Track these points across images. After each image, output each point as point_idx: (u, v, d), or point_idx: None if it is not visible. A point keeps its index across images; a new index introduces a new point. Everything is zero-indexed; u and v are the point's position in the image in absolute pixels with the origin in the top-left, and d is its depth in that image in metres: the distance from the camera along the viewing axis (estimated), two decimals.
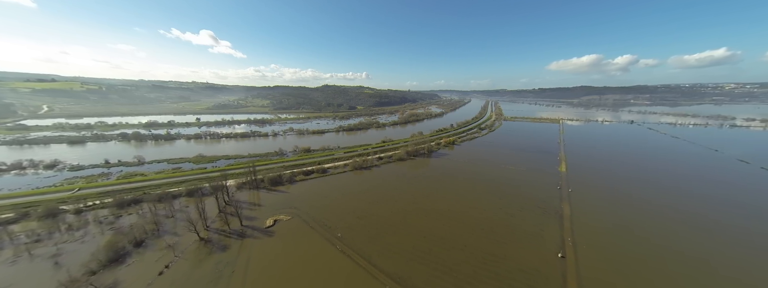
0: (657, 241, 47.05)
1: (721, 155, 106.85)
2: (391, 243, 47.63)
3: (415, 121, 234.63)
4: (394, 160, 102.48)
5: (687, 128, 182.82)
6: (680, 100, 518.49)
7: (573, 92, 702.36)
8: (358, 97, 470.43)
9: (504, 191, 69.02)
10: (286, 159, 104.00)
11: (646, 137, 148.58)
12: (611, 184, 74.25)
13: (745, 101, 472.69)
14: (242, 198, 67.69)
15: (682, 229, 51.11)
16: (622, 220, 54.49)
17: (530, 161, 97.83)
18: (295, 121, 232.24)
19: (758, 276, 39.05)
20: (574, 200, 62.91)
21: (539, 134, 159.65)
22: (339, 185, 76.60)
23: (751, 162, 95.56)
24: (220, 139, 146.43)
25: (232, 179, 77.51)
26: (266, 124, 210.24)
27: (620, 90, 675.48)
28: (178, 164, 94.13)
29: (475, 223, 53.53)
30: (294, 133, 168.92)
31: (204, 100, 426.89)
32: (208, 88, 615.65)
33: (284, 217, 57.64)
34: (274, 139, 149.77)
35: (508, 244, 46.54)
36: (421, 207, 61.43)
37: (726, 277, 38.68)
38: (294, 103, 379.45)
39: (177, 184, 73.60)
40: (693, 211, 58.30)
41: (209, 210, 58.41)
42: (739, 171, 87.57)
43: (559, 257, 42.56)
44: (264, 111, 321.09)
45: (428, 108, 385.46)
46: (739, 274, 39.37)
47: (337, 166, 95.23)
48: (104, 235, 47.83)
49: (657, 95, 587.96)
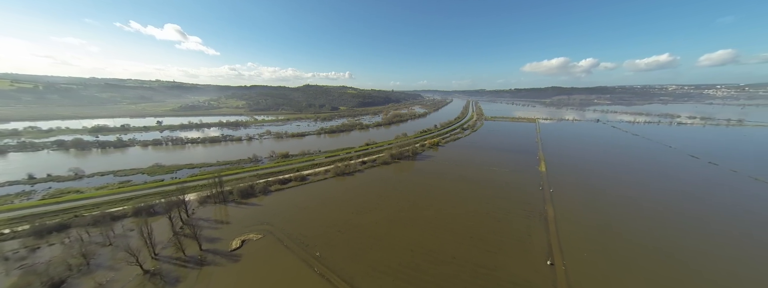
0: (636, 240, 47.97)
1: (675, 151, 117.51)
2: (376, 260, 43.19)
3: (399, 122, 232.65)
4: (378, 163, 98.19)
5: (643, 126, 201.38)
6: (634, 99, 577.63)
7: (545, 92, 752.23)
8: (340, 97, 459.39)
9: (489, 194, 67.91)
10: (261, 166, 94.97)
11: (612, 135, 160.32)
12: (588, 182, 76.78)
13: (685, 101, 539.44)
14: (205, 215, 59.01)
15: (655, 224, 53.03)
16: (602, 218, 55.46)
17: (512, 162, 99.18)
18: (273, 123, 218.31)
19: (725, 265, 40.71)
20: (556, 201, 63.38)
21: (518, 134, 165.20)
22: (319, 194, 70.51)
23: (699, 157, 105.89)
24: (184, 145, 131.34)
25: (194, 193, 67.83)
26: (240, 127, 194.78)
27: (585, 90, 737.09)
28: (128, 177, 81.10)
29: (463, 231, 50.99)
30: (271, 136, 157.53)
31: (169, 101, 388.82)
32: (175, 88, 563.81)
33: (254, 235, 50.59)
34: (248, 144, 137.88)
35: (497, 253, 44.41)
36: (408, 215, 57.79)
37: (688, 266, 39.89)
38: (272, 104, 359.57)
39: (122, 202, 62.38)
40: (660, 207, 61.35)
41: (161, 233, 49.47)
42: (691, 165, 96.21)
43: (548, 265, 41.14)
44: (239, 112, 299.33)
45: (412, 108, 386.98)
46: (704, 262, 40.77)
47: (317, 172, 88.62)
48: (8, 277, 37.48)
49: (616, 95, 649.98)
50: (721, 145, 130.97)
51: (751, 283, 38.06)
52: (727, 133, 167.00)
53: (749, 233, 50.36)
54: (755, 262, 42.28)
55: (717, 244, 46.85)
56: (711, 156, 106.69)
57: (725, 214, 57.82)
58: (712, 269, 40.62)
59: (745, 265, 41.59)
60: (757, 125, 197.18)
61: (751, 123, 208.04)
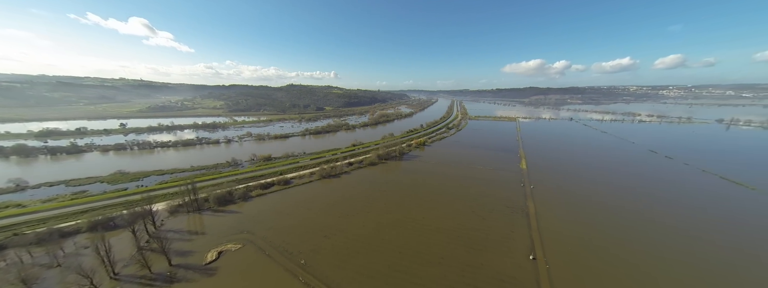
0: (607, 230, 51.19)
1: (637, 147, 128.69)
2: (364, 265, 41.99)
3: (385, 122, 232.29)
4: (365, 165, 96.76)
5: (610, 124, 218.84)
6: (602, 99, 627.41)
7: (524, 92, 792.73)
8: (326, 97, 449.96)
9: (475, 193, 69.33)
10: (241, 171, 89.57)
11: (584, 133, 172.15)
12: (564, 178, 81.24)
13: (644, 100, 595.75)
14: (177, 225, 54.12)
15: (623, 215, 57.09)
16: (577, 212, 58.69)
17: (495, 160, 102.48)
18: (254, 125, 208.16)
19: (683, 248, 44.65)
20: (536, 197, 66.16)
21: (500, 132, 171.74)
22: (304, 198, 67.72)
23: (658, 152, 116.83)
24: (153, 149, 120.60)
25: (163, 202, 62.04)
26: (218, 129, 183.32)
27: (559, 91, 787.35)
28: (84, 186, 72.45)
29: (450, 231, 51.34)
30: (252, 138, 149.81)
31: (136, 101, 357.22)
32: (143, 87, 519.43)
33: (232, 246, 47.13)
34: (227, 147, 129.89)
35: (483, 251, 45.14)
36: (395, 217, 57.16)
37: (645, 244, 43.44)
38: (254, 104, 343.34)
39: (75, 215, 55.32)
40: (627, 199, 66.37)
41: (123, 249, 44.40)
42: (652, 160, 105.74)
43: (530, 259, 42.49)
44: (216, 113, 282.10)
45: (398, 108, 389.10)
46: (672, 252, 44.47)
47: (302, 175, 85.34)
48: None
49: (586, 95, 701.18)
50: (674, 140, 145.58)
51: (716, 263, 41.92)
52: (679, 129, 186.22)
53: (706, 218, 55.74)
54: (712, 238, 46.77)
55: (678, 229, 51.26)
56: (667, 150, 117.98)
57: (684, 203, 63.69)
58: (675, 250, 44.30)
59: (703, 243, 45.80)
60: (702, 122, 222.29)
61: (697, 120, 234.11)
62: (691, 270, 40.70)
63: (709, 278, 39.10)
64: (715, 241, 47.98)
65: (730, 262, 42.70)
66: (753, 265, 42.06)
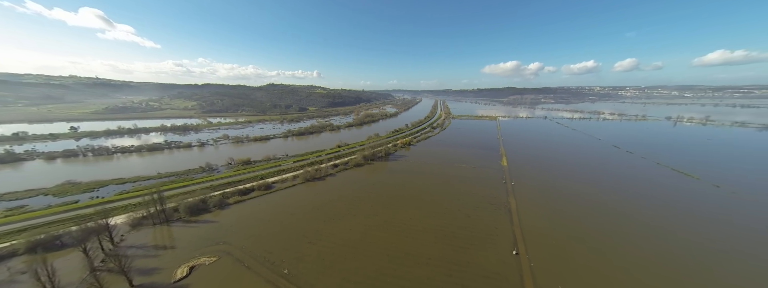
0: (582, 223, 54.78)
1: (603, 143, 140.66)
2: (351, 270, 40.70)
3: (370, 122, 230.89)
4: (350, 166, 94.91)
5: (579, 121, 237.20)
6: (571, 98, 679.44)
7: (502, 92, 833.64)
8: (309, 97, 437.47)
9: (459, 191, 70.81)
10: (217, 176, 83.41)
11: (557, 131, 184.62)
12: (541, 174, 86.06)
13: (606, 100, 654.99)
14: (140, 240, 48.68)
15: (594, 207, 61.59)
16: (554, 206, 62.26)
17: (478, 158, 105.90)
18: (232, 126, 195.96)
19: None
20: (517, 193, 69.18)
21: (482, 131, 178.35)
22: (287, 203, 64.53)
23: (620, 147, 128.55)
24: (111, 155, 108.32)
25: (123, 214, 55.57)
26: (190, 132, 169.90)
27: (534, 91, 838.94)
28: (22, 201, 62.72)
29: (437, 230, 51.73)
30: (229, 141, 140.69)
31: (90, 102, 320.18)
32: (99, 85, 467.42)
33: (207, 259, 43.30)
34: (200, 151, 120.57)
35: (469, 248, 45.97)
36: (383, 219, 56.42)
37: (618, 226, 47.43)
38: (231, 105, 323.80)
39: (10, 235, 47.47)
40: (596, 191, 71.90)
41: (72, 271, 38.81)
42: (615, 154, 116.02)
43: (513, 254, 44.03)
44: (188, 115, 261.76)
45: (383, 108, 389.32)
46: (633, 239, 48.68)
47: (284, 179, 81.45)
48: None
49: (557, 95, 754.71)
50: (633, 136, 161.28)
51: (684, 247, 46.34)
52: (636, 126, 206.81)
53: (666, 208, 61.79)
54: (674, 228, 51.86)
55: (638, 217, 56.22)
56: (627, 146, 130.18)
57: (644, 194, 70.21)
58: (638, 232, 48.48)
59: (665, 232, 50.61)
60: (655, 119, 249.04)
61: (650, 118, 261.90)
62: (655, 256, 44.70)
63: (674, 265, 43.16)
64: (676, 231, 53.27)
65: (692, 248, 47.57)
66: (716, 254, 47.10)
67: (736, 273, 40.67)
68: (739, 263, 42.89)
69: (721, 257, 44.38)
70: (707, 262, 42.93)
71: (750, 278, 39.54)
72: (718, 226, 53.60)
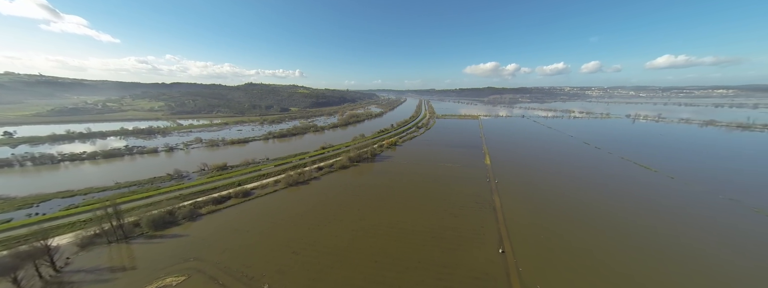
0: (562, 218, 57.44)
1: (575, 139, 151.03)
2: (338, 280, 38.70)
3: (356, 123, 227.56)
4: (336, 168, 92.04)
5: (553, 120, 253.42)
6: (545, 98, 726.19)
7: (483, 92, 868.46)
8: (291, 97, 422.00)
9: (446, 190, 71.37)
10: (188, 184, 76.39)
11: (534, 129, 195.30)
12: (522, 171, 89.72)
13: (575, 99, 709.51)
14: (92, 262, 42.56)
15: (572, 201, 65.14)
16: (535, 202, 64.88)
17: (463, 157, 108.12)
18: (205, 129, 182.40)
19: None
20: (501, 191, 71.21)
21: (465, 130, 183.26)
22: (267, 211, 60.55)
23: (589, 143, 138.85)
24: (58, 163, 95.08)
25: (69, 233, 48.37)
26: (156, 135, 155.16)
27: (512, 90, 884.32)
28: None
29: (425, 232, 51.31)
30: (203, 145, 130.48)
31: (32, 102, 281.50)
32: (43, 84, 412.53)
33: (173, 279, 38.81)
34: (169, 157, 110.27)
35: (457, 249, 46.01)
36: (370, 223, 54.87)
37: (597, 220, 50.61)
38: (205, 106, 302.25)
39: None
40: (571, 185, 76.34)
41: None
42: (586, 150, 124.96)
43: (500, 253, 44.81)
44: (154, 116, 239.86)
45: (368, 108, 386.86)
46: (606, 230, 52.06)
47: (265, 184, 76.74)
48: None
49: (533, 95, 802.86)
50: (599, 132, 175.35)
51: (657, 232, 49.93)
52: (601, 123, 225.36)
53: (633, 200, 66.92)
54: (645, 222, 56.09)
55: (612, 210, 60.31)
56: (596, 142, 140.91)
57: (611, 187, 75.74)
58: (609, 223, 51.88)
59: (638, 227, 54.58)
60: (617, 117, 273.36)
61: (613, 115, 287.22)
62: (625, 246, 47.89)
63: (648, 258, 46.43)
64: (637, 220, 57.69)
65: (659, 240, 51.62)
66: (689, 247, 51.42)
67: (719, 263, 44.67)
68: (714, 250, 47.25)
69: (696, 248, 48.63)
70: (683, 253, 46.75)
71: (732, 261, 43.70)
72: (684, 219, 58.81)
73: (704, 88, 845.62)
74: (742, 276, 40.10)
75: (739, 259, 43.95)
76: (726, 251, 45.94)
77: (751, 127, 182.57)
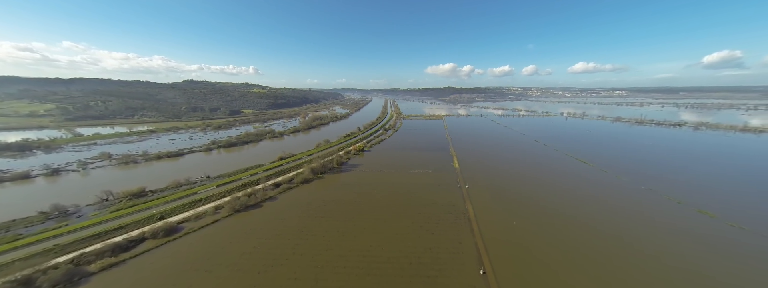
0: (533, 223, 58.62)
1: (527, 137, 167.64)
2: None
3: (319, 126, 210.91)
4: (296, 183, 79.76)
5: (506, 118, 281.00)
6: (497, 97, 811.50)
7: (444, 92, 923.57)
8: (244, 97, 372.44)
9: (419, 201, 67.34)
10: (73, 226, 54.87)
11: (492, 128, 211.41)
12: (488, 173, 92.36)
13: (521, 99, 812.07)
14: None
15: (538, 196, 68.19)
16: (504, 206, 65.79)
17: (432, 161, 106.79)
18: (120, 139, 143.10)
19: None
20: (473, 197, 70.57)
21: (431, 132, 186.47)
22: (200, 254, 46.43)
23: (539, 141, 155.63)
24: None
25: None
26: (35, 151, 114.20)
27: (469, 90, 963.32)
28: None
29: (402, 258, 45.57)
30: (112, 162, 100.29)
31: None
32: None
33: None
34: (50, 183, 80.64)
35: (437, 277, 41.50)
36: (337, 253, 46.51)
37: (568, 215, 53.12)
38: (122, 108, 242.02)
39: None
40: (532, 182, 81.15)
41: None
42: (537, 148, 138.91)
43: (481, 274, 41.98)
44: (37, 124, 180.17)
45: (333, 109, 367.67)
46: (573, 212, 54.93)
47: (200, 213, 60.43)
48: None
49: (487, 94, 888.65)
50: (543, 130, 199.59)
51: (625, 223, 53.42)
52: (544, 121, 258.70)
53: (579, 196, 73.42)
54: (594, 218, 60.90)
55: (566, 206, 64.63)
56: (544, 139, 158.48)
57: (562, 181, 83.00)
58: (577, 213, 54.80)
59: (580, 224, 58.82)
60: (554, 115, 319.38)
61: (551, 114, 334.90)
62: (584, 248, 50.48)
63: (591, 265, 49.16)
64: (578, 215, 62.81)
65: (607, 242, 56.00)
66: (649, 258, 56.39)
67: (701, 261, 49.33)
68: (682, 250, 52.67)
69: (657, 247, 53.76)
70: (661, 258, 51.07)
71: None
72: (628, 215, 66.28)
73: (606, 89, 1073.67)
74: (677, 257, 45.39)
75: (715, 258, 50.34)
76: (714, 256, 52.33)
77: (644, 122, 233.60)
